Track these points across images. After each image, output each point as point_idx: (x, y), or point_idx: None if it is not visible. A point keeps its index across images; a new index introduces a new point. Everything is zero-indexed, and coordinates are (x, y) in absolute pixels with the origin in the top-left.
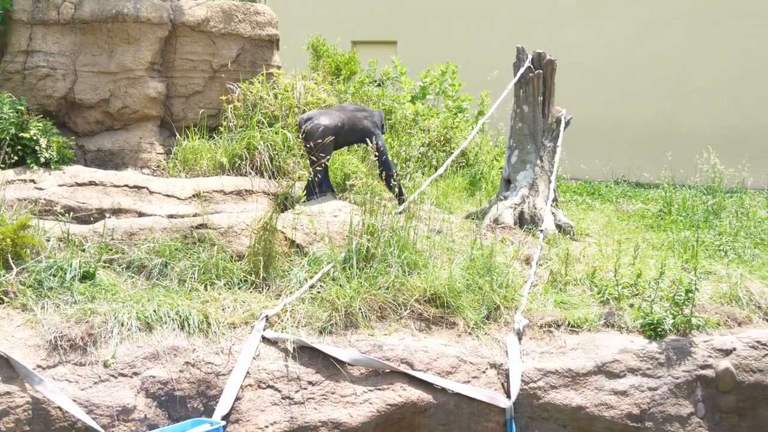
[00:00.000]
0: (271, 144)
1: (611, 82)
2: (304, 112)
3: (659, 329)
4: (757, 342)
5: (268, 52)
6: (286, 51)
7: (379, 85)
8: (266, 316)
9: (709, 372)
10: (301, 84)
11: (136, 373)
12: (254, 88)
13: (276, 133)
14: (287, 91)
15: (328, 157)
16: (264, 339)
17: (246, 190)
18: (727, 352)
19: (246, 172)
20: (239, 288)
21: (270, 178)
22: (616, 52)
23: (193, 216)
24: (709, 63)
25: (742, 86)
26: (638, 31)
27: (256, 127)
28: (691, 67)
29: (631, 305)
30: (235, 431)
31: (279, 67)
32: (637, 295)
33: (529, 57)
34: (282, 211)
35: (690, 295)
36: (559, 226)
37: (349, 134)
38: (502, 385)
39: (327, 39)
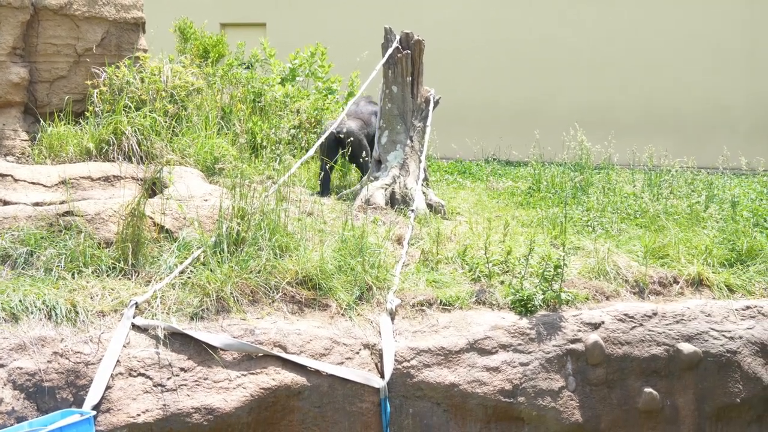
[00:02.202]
0: (139, 128)
1: (480, 61)
2: (172, 96)
3: (530, 305)
4: (625, 315)
5: (134, 36)
6: (153, 34)
7: (248, 67)
8: (136, 303)
9: (578, 346)
10: (168, 67)
11: (2, 365)
12: (120, 72)
13: (144, 117)
14: (154, 74)
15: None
16: (134, 326)
17: (114, 176)
18: (595, 326)
19: (114, 158)
20: (108, 275)
21: (138, 163)
22: (484, 31)
23: (60, 203)
24: (575, 41)
25: (607, 64)
26: (505, 10)
27: (123, 112)
28: (556, 46)
29: (502, 282)
30: (106, 420)
31: (146, 51)
32: (507, 272)
33: (397, 37)
34: (151, 197)
35: (559, 270)
36: (430, 206)
37: (370, 134)
38: (376, 365)
39: (194, 22)
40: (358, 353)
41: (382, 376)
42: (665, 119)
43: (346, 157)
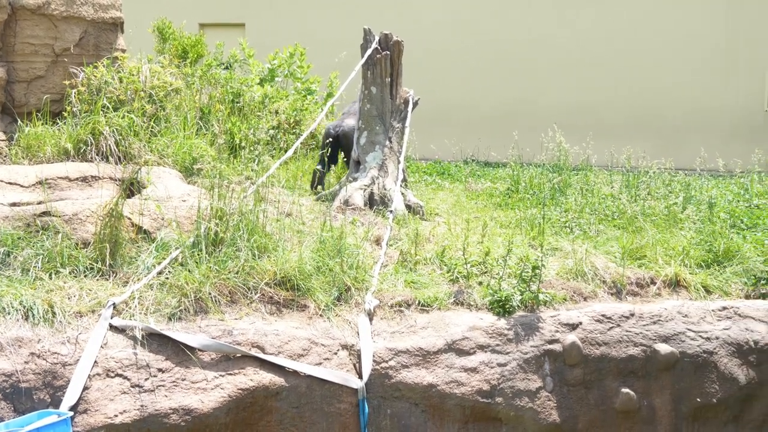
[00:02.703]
0: (117, 129)
1: (458, 63)
2: (150, 96)
3: (508, 306)
4: (603, 316)
5: (112, 36)
6: (132, 34)
7: (226, 67)
8: (113, 303)
9: (556, 346)
10: (146, 67)
11: None
12: (99, 72)
13: (122, 117)
14: (133, 74)
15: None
16: (112, 327)
17: (92, 176)
18: (573, 327)
19: (92, 158)
20: (85, 276)
21: (116, 163)
22: (462, 34)
23: (37, 204)
24: (553, 43)
25: (585, 66)
26: (484, 12)
27: (101, 112)
28: (535, 48)
29: (480, 283)
30: (83, 421)
31: (124, 51)
32: (485, 272)
33: (376, 38)
34: (129, 197)
35: (537, 271)
36: (408, 207)
37: None
38: (354, 366)
39: (173, 22)
40: (336, 354)
41: (361, 377)
42: (643, 121)
43: (342, 155)
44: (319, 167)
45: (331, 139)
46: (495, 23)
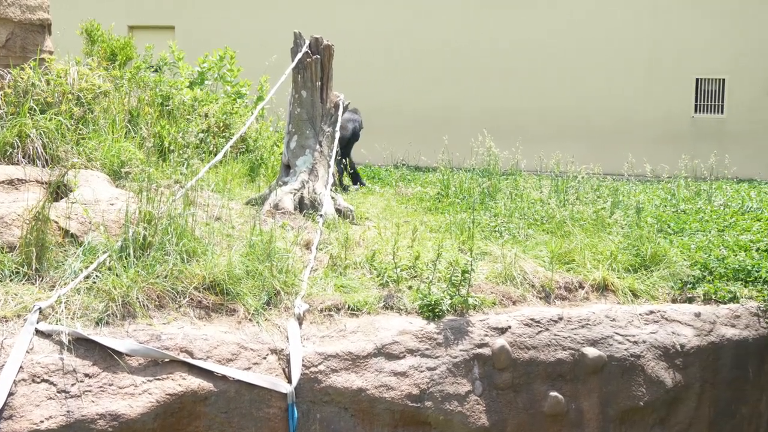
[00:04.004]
0: (44, 131)
1: (389, 68)
2: (78, 99)
3: (437, 310)
4: (531, 320)
5: (39, 37)
6: (59, 36)
7: (156, 70)
8: (39, 308)
9: (485, 350)
10: (74, 70)
11: None
12: (25, 74)
13: (49, 119)
14: (60, 77)
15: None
16: (38, 332)
17: (18, 180)
18: (502, 331)
19: (18, 161)
20: (11, 280)
21: (44, 166)
22: (393, 38)
23: None
24: (484, 49)
25: (515, 72)
26: (414, 17)
27: (28, 114)
28: (465, 54)
29: (410, 287)
30: (8, 427)
31: (51, 53)
32: (415, 277)
33: (307, 42)
34: (56, 200)
35: (466, 275)
36: (339, 211)
37: (343, 138)
38: (284, 370)
39: (102, 24)
40: (265, 358)
41: (290, 382)
42: (572, 126)
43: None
44: (352, 171)
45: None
46: (425, 30)
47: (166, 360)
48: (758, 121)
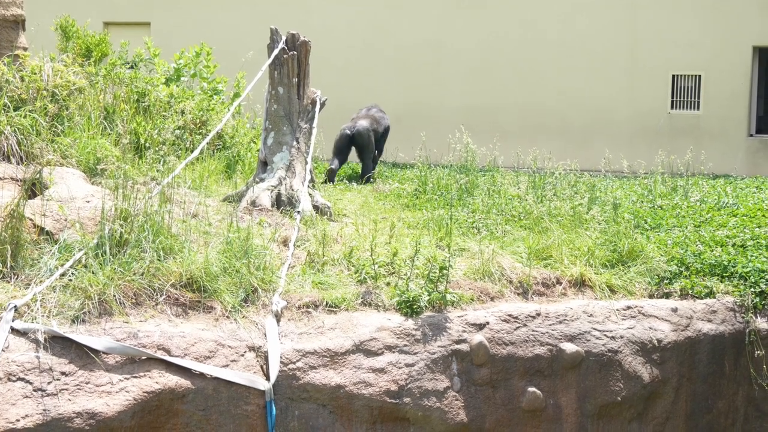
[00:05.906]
0: (18, 128)
1: (366, 63)
2: (53, 95)
3: (415, 306)
4: (509, 315)
5: (13, 33)
6: (34, 32)
7: (131, 67)
8: (15, 306)
9: (464, 346)
10: (49, 66)
11: None
12: None
13: (23, 116)
14: (35, 73)
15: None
16: (13, 330)
17: None
18: (480, 327)
19: None
20: None
21: (18, 163)
22: (370, 34)
23: None
24: (462, 45)
25: (493, 68)
26: (391, 12)
27: (3, 111)
28: (443, 49)
29: (388, 284)
30: None
31: (26, 49)
32: (393, 273)
33: (283, 38)
34: (31, 198)
35: (444, 271)
36: (316, 207)
37: (378, 132)
38: (262, 367)
39: (77, 20)
40: (243, 356)
41: (268, 379)
42: (549, 122)
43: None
44: (332, 166)
45: (344, 139)
46: (403, 27)
47: (144, 358)
48: (734, 118)
